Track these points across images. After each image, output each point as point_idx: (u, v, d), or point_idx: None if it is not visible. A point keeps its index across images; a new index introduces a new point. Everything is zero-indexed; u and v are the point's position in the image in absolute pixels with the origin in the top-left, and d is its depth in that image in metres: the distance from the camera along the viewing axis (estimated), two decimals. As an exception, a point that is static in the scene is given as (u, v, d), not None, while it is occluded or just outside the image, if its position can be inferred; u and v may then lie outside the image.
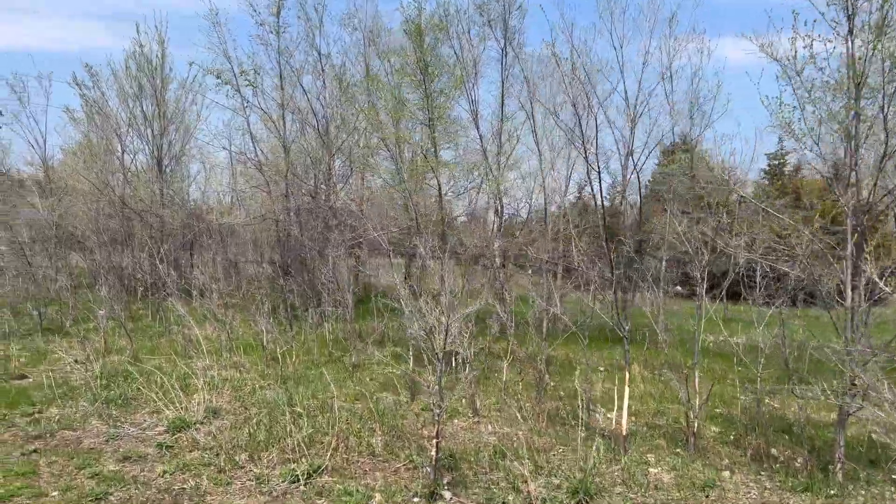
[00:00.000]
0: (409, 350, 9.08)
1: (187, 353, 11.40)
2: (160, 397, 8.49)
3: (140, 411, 8.16)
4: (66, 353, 11.31)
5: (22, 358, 11.04)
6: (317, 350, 11.76)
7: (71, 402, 8.43)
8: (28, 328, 13.55)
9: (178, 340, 12.38)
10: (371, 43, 20.70)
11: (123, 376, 9.63)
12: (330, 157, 16.77)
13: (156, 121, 19.97)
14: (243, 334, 13.48)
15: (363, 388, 9.48)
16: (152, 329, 14.02)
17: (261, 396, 8.73)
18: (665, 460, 6.77)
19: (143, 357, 11.20)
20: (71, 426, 7.49)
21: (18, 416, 7.81)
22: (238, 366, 10.64)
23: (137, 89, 19.90)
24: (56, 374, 10.07)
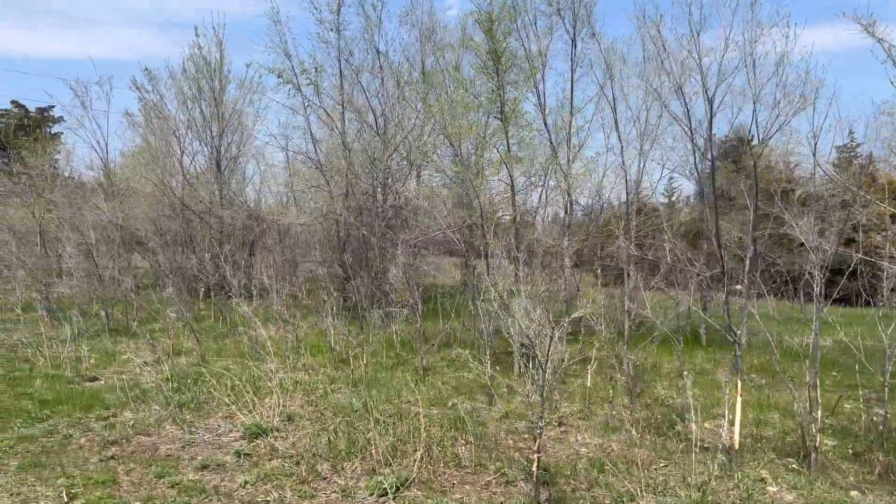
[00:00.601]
0: (487, 352, 8.61)
1: (254, 355, 11.20)
2: (232, 401, 8.26)
3: (213, 416, 7.93)
4: (135, 355, 11.26)
5: (92, 359, 11.01)
6: (384, 352, 11.41)
7: (143, 405, 8.27)
8: (96, 329, 13.63)
9: (243, 342, 12.22)
10: (427, 40, 20.37)
11: (193, 379, 9.46)
12: (388, 156, 16.46)
13: (214, 122, 20.04)
14: (307, 335, 13.27)
15: (437, 392, 9.07)
16: (216, 330, 13.94)
17: (333, 401, 8.41)
18: (783, 477, 6.13)
19: (211, 359, 11.06)
20: (146, 431, 7.28)
21: (93, 420, 7.66)
22: (306, 368, 10.37)
23: (196, 91, 20.03)
24: (126, 376, 9.98)
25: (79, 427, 7.41)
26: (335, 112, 15.50)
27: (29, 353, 11.49)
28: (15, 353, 11.73)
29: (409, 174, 17.19)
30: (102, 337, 12.95)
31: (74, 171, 23.54)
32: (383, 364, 10.73)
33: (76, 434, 7.17)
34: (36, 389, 9.01)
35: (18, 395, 8.71)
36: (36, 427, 7.40)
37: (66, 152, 24.85)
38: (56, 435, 7.15)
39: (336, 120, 15.25)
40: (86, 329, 13.55)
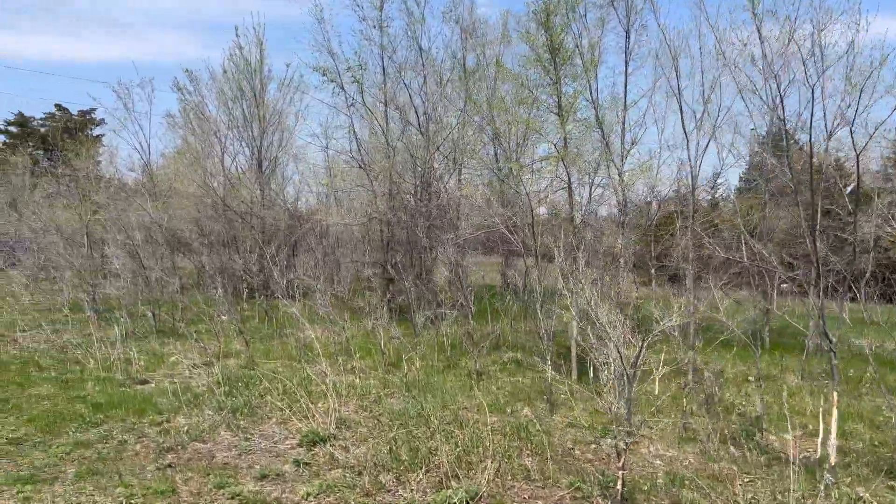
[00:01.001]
0: (548, 357, 8.24)
1: (302, 357, 11.02)
2: (286, 405, 8.05)
3: (267, 421, 7.72)
4: (184, 357, 11.17)
5: (141, 361, 10.94)
6: (436, 355, 11.12)
7: (196, 410, 8.11)
8: (143, 330, 13.62)
9: (291, 343, 12.06)
10: (469, 37, 20.02)
11: (244, 382, 9.29)
12: (430, 154, 16.17)
13: (255, 122, 20.01)
14: (353, 336, 13.06)
15: (493, 398, 8.74)
16: (261, 331, 13.82)
17: (388, 406, 8.14)
18: (883, 496, 5.65)
19: (259, 361, 10.89)
20: (201, 437, 7.10)
21: (147, 425, 7.52)
22: (357, 371, 10.13)
23: (237, 91, 20.02)
24: (176, 378, 9.86)
25: (133, 432, 7.27)
26: (378, 110, 15.27)
27: (79, 355, 11.49)
28: (65, 355, 11.74)
29: (452, 173, 16.88)
30: (150, 338, 12.92)
31: (118, 172, 23.76)
32: (434, 367, 10.44)
33: (131, 440, 7.03)
34: (88, 392, 8.93)
35: (72, 399, 8.64)
36: (91, 432, 7.28)
37: (109, 154, 25.12)
38: (111, 440, 7.01)
39: (379, 118, 15.01)
40: (133, 330, 13.56)
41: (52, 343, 12.64)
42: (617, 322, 5.02)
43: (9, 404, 8.40)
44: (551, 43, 9.00)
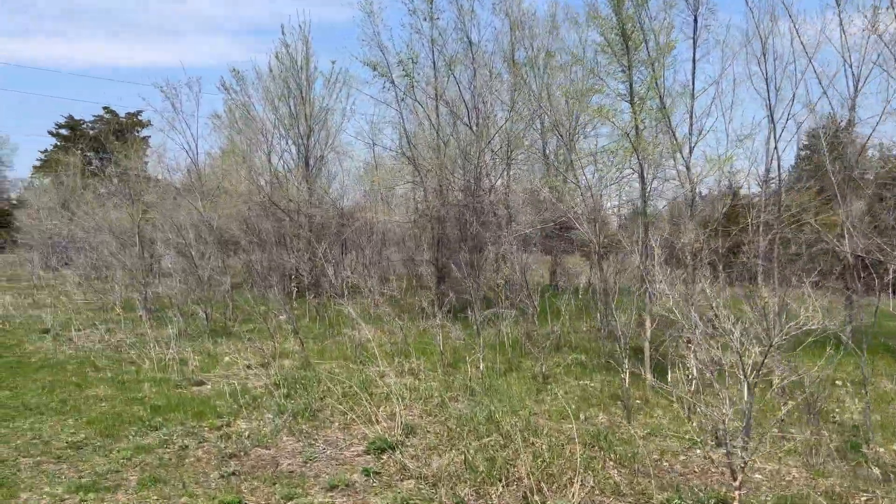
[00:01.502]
0: (625, 361, 7.71)
1: (358, 358, 10.70)
2: (347, 408, 7.71)
3: (330, 426, 7.37)
4: (238, 357, 10.97)
5: (195, 362, 10.76)
6: (496, 356, 10.65)
7: (255, 413, 7.83)
8: (195, 330, 13.50)
9: (346, 344, 11.77)
10: (517, 28, 19.50)
11: (302, 384, 8.98)
12: (481, 150, 15.72)
13: (302, 120, 19.84)
14: (407, 336, 12.71)
15: (562, 402, 8.23)
16: (313, 331, 13.57)
17: (454, 411, 7.71)
18: None
19: (314, 361, 10.60)
20: (263, 443, 6.79)
21: (207, 429, 7.25)
22: (414, 372, 9.75)
23: (284, 89, 19.87)
24: (233, 380, 9.62)
25: (193, 437, 7.00)
26: (429, 105, 14.89)
27: (133, 355, 11.39)
28: (119, 354, 11.67)
29: (504, 168, 16.39)
30: (202, 338, 12.78)
31: (166, 172, 23.91)
32: (495, 369, 9.98)
33: (192, 445, 6.76)
34: (145, 394, 8.75)
35: (129, 401, 8.46)
36: (150, 436, 7.04)
37: (157, 154, 25.32)
38: (171, 445, 6.75)
39: (430, 113, 14.62)
40: (186, 330, 13.45)
41: (107, 343, 12.60)
42: (729, 322, 4.48)
43: (67, 405, 8.26)
44: (622, 28, 8.44)
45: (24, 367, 10.68)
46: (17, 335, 13.98)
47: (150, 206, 18.21)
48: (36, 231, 29.70)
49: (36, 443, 6.86)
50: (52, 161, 43.47)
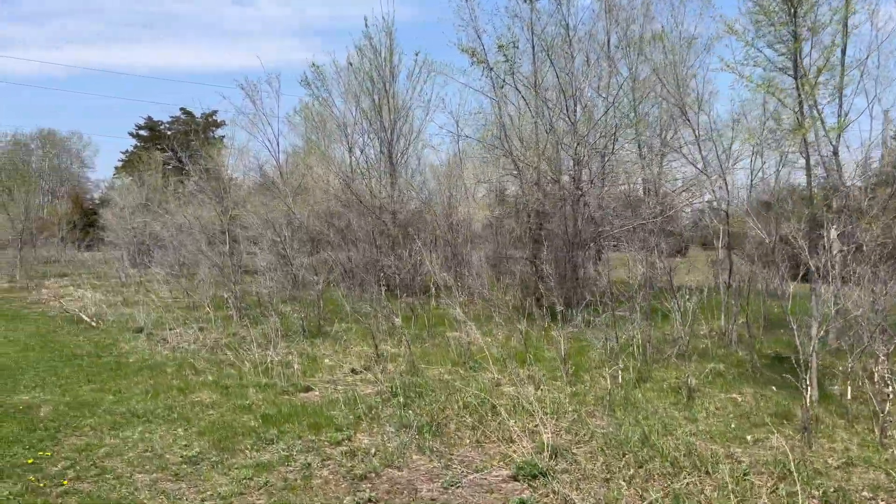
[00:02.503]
0: (807, 373, 6.62)
1: (467, 363, 9.92)
2: (474, 422, 6.93)
3: (459, 443, 6.59)
4: (340, 360, 10.38)
5: (295, 364, 10.23)
6: (624, 364, 9.65)
7: (375, 425, 7.13)
8: (289, 330, 13.03)
9: (448, 346, 11.02)
10: (608, 11, 18.33)
11: (415, 391, 8.26)
12: (577, 141, 14.69)
13: (385, 113, 19.26)
14: (509, 340, 11.89)
15: (718, 421, 7.21)
16: (409, 332, 12.87)
17: (597, 430, 6.80)
18: None
19: (420, 366, 9.87)
20: (393, 463, 6.06)
21: (327, 444, 6.59)
22: (534, 381, 8.87)
23: (368, 83, 19.34)
24: (339, 385, 9.01)
25: (315, 453, 6.34)
26: (526, 93, 13.97)
27: (231, 357, 10.97)
28: (216, 356, 11.28)
29: (605, 160, 15.31)
30: (297, 339, 12.28)
31: (247, 171, 23.86)
32: (625, 379, 8.99)
33: (315, 462, 6.09)
34: (252, 401, 8.20)
35: (237, 408, 7.92)
36: (268, 451, 6.43)
37: (239, 152, 25.32)
38: (293, 463, 6.12)
39: (528, 101, 13.70)
40: (280, 331, 13.01)
41: (202, 343, 12.25)
42: None
43: (174, 412, 7.79)
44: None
45: (124, 369, 10.41)
46: (112, 334, 13.89)
47: (235, 204, 17.96)
48: (121, 229, 30.36)
49: (149, 456, 6.36)
50: (134, 161, 44.75)
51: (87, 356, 11.55)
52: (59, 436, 7.00)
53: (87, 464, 6.15)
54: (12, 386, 9.34)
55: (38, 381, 9.64)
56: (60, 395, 8.73)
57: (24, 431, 7.12)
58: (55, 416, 7.69)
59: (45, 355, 11.72)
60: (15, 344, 12.88)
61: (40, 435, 7.01)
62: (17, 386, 9.34)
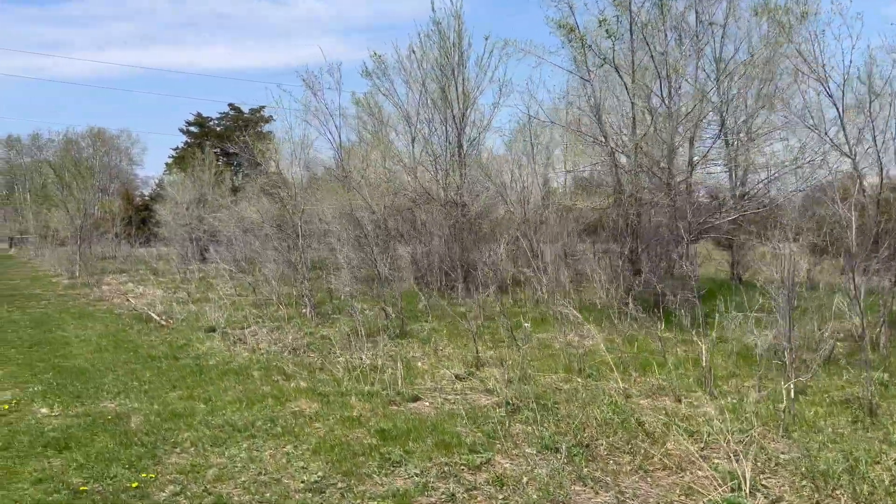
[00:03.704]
0: None
1: (582, 370, 8.94)
2: (625, 444, 5.96)
3: (621, 471, 5.62)
4: (435, 364, 9.53)
5: (394, 370, 9.38)
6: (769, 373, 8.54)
7: (510, 445, 6.21)
8: (369, 330, 12.25)
9: (556, 350, 10.06)
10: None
11: (539, 404, 7.32)
12: (673, 124, 13.52)
13: (456, 101, 18.34)
14: (607, 341, 10.87)
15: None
16: (495, 332, 11.96)
17: (777, 454, 5.76)
18: None
19: (531, 372, 8.93)
20: (554, 497, 5.13)
21: (465, 470, 5.69)
22: (672, 392, 7.85)
23: (436, 69, 18.44)
24: (448, 394, 8.14)
25: (455, 480, 5.45)
26: (622, 73, 12.86)
27: (317, 359, 10.24)
28: (299, 358, 10.56)
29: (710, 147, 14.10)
30: (380, 339, 11.47)
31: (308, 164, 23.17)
32: (773, 392, 7.88)
33: (460, 494, 5.20)
34: (359, 413, 7.37)
35: (344, 421, 7.10)
36: (399, 476, 5.57)
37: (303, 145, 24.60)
38: (433, 492, 5.25)
39: (627, 82, 12.59)
40: (361, 330, 12.24)
41: (282, 344, 11.54)
42: None
43: (276, 425, 7.01)
44: None
45: (207, 373, 9.72)
46: (184, 333, 13.32)
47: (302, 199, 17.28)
48: (177, 226, 30.20)
49: (265, 480, 5.56)
50: (185, 157, 44.86)
51: (164, 358, 10.94)
52: (158, 453, 6.27)
53: (198, 489, 5.39)
54: (94, 391, 8.73)
55: (120, 385, 9.02)
56: (148, 403, 8.06)
57: (120, 447, 6.42)
58: (148, 428, 6.99)
59: (121, 356, 11.16)
60: (87, 344, 12.39)
61: (138, 451, 6.29)
62: (99, 392, 8.72)
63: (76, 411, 7.79)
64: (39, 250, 42.54)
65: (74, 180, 28.05)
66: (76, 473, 5.76)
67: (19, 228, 65.17)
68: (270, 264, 16.65)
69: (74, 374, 9.78)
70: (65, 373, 9.91)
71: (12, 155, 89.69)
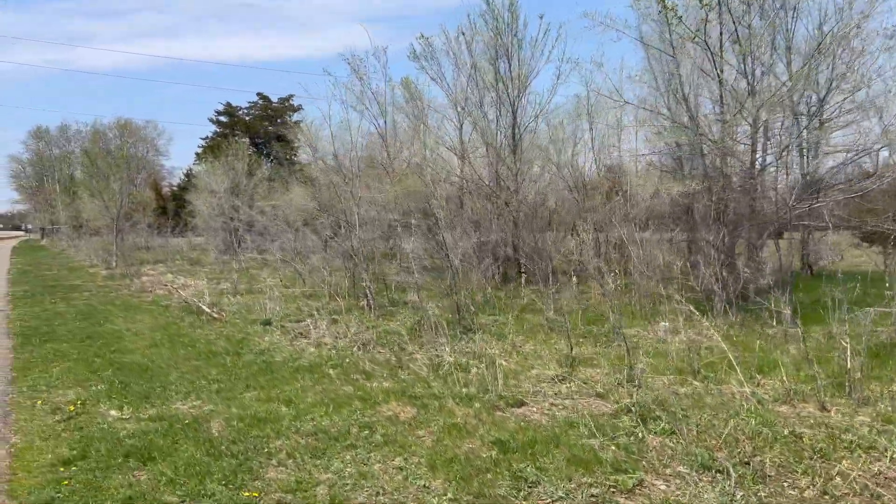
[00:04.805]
0: None
1: (698, 372, 8.10)
2: (797, 463, 5.14)
3: (801, 498, 4.80)
4: (520, 363, 8.75)
5: (473, 368, 8.64)
6: None
7: (657, 461, 5.41)
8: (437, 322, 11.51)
9: (655, 347, 9.24)
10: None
11: (667, 411, 6.50)
12: (758, 105, 12.52)
13: (509, 84, 17.46)
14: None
15: None
16: (577, 328, 11.16)
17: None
18: None
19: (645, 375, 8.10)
20: (737, 528, 4.33)
21: (618, 493, 4.91)
22: (798, 395, 6.99)
23: (491, 49, 17.57)
24: (550, 397, 7.35)
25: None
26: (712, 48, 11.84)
27: (390, 355, 9.53)
28: (370, 354, 9.85)
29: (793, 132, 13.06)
30: (451, 333, 10.71)
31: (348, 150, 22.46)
32: None
33: (622, 523, 4.43)
34: (465, 421, 6.61)
35: (450, 430, 6.34)
36: (542, 500, 4.81)
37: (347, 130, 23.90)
38: (588, 521, 4.47)
39: (716, 57, 11.58)
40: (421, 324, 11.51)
41: (348, 338, 10.84)
42: None
43: (376, 433, 6.27)
44: None
45: (277, 371, 9.04)
46: (239, 327, 12.69)
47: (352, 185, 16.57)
48: (213, 216, 29.71)
49: (387, 502, 4.82)
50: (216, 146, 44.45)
51: (226, 353, 10.29)
52: (252, 465, 5.57)
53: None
54: (161, 391, 8.08)
55: (188, 384, 8.36)
56: (224, 405, 7.38)
57: (209, 458, 5.73)
58: (234, 436, 6.30)
59: (179, 352, 10.54)
60: (140, 338, 11.80)
61: (230, 463, 5.60)
62: (166, 391, 8.07)
63: (148, 414, 7.14)
64: (73, 240, 42.47)
65: (111, 170, 27.63)
66: (168, 490, 5.08)
67: (50, 219, 65.53)
68: (321, 254, 15.95)
69: (136, 372, 9.15)
70: (125, 369, 9.29)
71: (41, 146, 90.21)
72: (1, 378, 9.02)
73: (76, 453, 5.88)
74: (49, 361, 9.88)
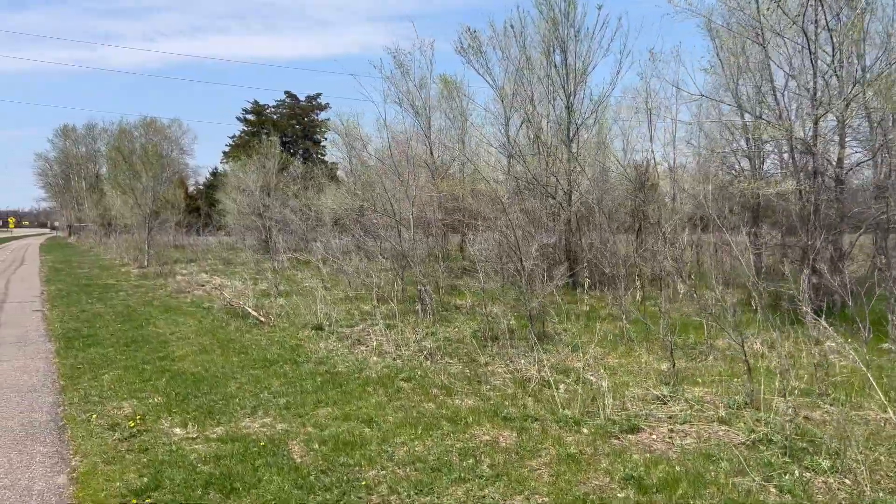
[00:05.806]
0: None
1: (821, 390, 7.22)
2: None
3: None
4: (604, 376, 7.92)
5: (562, 385, 7.83)
6: None
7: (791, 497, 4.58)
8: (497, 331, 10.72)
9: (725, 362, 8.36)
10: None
11: (811, 442, 5.64)
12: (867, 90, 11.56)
13: (568, 78, 16.62)
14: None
15: None
16: (649, 333, 10.31)
17: None
18: None
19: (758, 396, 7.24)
20: None
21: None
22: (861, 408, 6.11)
23: (546, 42, 16.74)
24: (666, 423, 6.52)
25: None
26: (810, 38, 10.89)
27: (461, 368, 8.76)
28: (439, 364, 9.07)
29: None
30: (517, 344, 9.93)
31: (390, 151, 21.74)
32: None
33: None
34: (577, 448, 5.80)
35: (566, 461, 5.53)
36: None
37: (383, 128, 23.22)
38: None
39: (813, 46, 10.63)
40: (489, 333, 10.74)
41: (411, 347, 10.08)
42: None
43: (481, 464, 5.49)
44: None
45: (345, 384, 8.28)
46: (289, 332, 11.99)
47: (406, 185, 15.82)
48: (244, 214, 29.17)
49: (527, 557, 4.04)
50: (244, 145, 44.06)
51: (283, 362, 9.58)
52: (350, 500, 4.81)
53: (442, 570, 3.89)
54: (224, 405, 7.37)
55: (251, 397, 7.64)
56: (298, 424, 6.65)
57: (300, 491, 4.98)
58: (319, 462, 5.55)
59: (231, 359, 9.84)
60: (187, 343, 11.14)
61: (324, 499, 4.85)
62: (230, 405, 7.36)
63: (216, 433, 6.43)
64: (101, 238, 42.28)
65: (143, 167, 27.19)
66: (262, 534, 4.33)
67: (77, 216, 65.72)
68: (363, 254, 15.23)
69: (191, 381, 8.46)
70: (178, 379, 8.61)
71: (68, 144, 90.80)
72: (49, 386, 8.39)
73: (147, 481, 5.17)
74: (97, 368, 9.24)
